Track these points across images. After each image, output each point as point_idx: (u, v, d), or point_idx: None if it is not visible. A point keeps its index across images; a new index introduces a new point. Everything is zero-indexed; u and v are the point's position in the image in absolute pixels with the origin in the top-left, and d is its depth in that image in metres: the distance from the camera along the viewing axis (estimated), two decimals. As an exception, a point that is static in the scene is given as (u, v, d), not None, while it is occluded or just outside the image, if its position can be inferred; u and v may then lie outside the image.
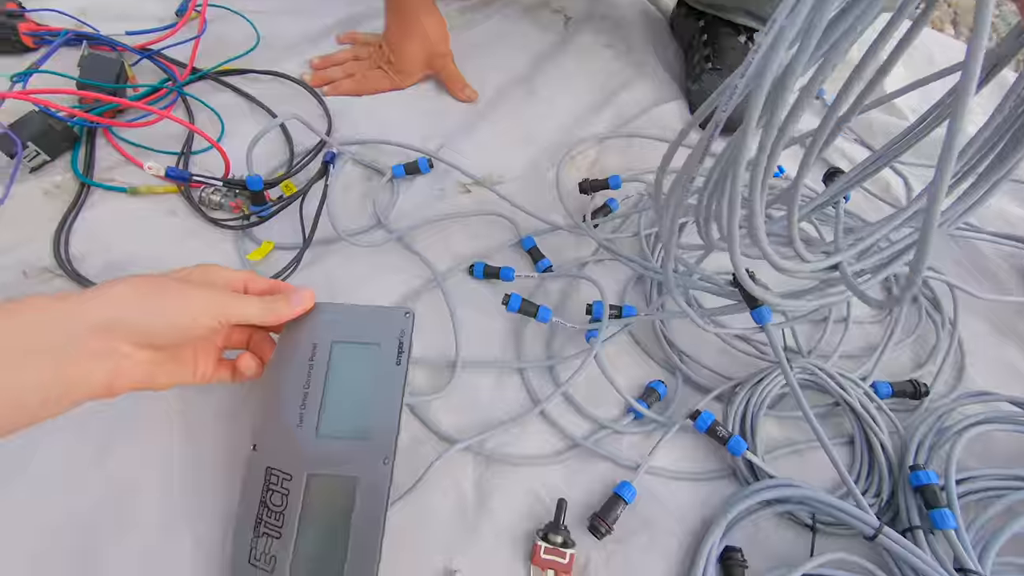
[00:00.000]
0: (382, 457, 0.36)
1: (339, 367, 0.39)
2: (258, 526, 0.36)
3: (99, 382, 0.30)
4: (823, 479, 0.45)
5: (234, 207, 0.55)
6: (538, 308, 0.48)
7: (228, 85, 0.65)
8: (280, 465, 0.37)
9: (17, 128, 0.53)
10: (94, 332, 0.30)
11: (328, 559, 0.35)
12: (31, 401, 0.28)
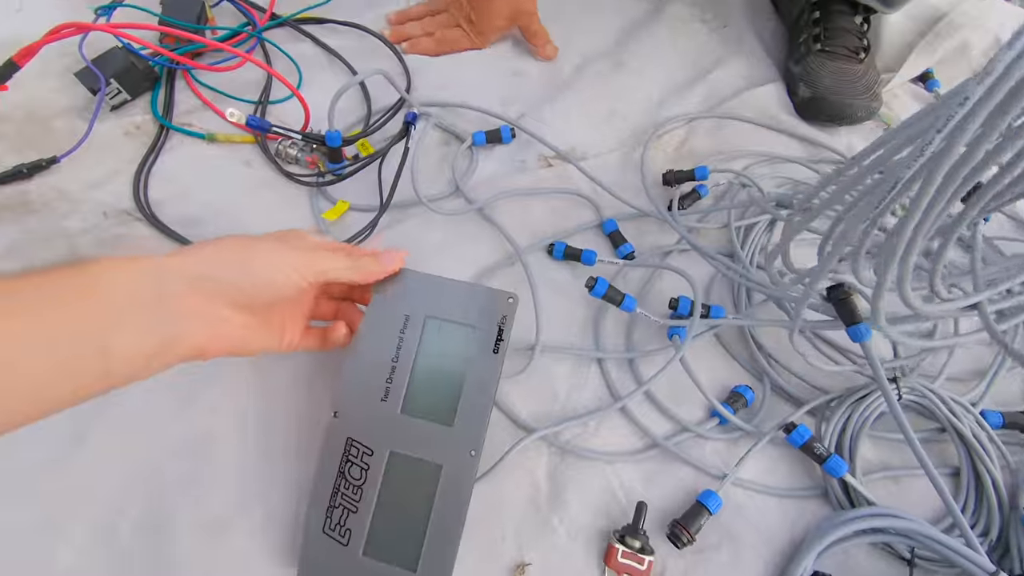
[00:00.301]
0: (469, 449, 0.35)
1: (431, 345, 0.37)
2: (335, 496, 0.34)
3: (195, 344, 0.29)
4: (922, 511, 0.42)
5: (310, 162, 0.53)
6: (623, 296, 0.45)
7: (307, 34, 0.63)
8: (361, 437, 0.35)
9: (100, 64, 0.51)
10: (193, 290, 0.29)
11: (404, 543, 0.33)
12: (125, 361, 0.26)
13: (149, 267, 0.28)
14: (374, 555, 0.34)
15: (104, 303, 0.26)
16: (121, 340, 0.26)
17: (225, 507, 0.37)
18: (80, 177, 0.49)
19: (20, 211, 0.46)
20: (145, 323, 0.27)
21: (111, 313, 0.26)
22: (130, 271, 0.27)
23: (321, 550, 0.34)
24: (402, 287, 0.38)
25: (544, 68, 0.66)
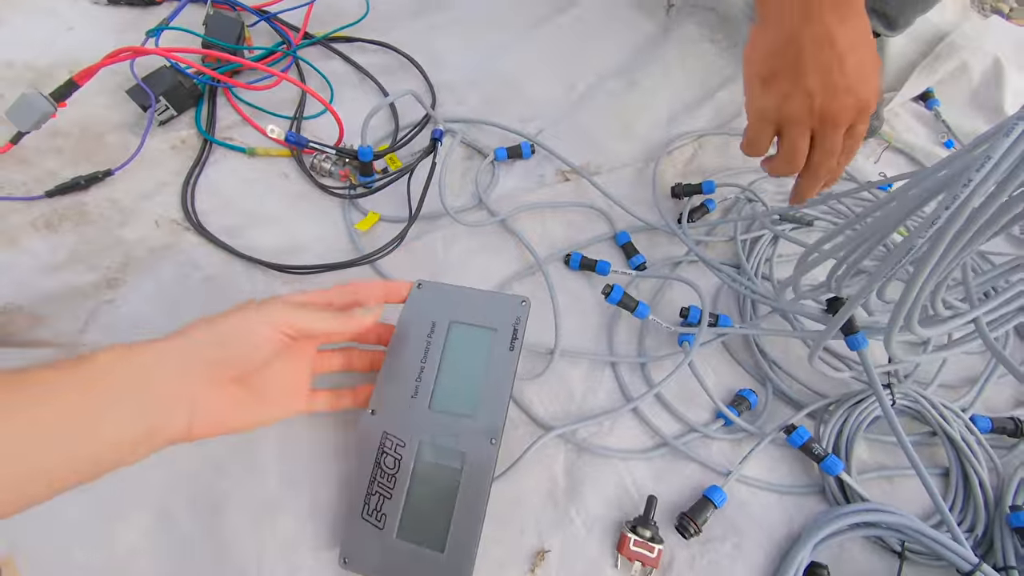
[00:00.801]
0: (490, 437, 0.38)
1: (455, 347, 0.41)
2: (372, 484, 0.38)
3: (179, 429, 0.31)
4: (913, 508, 0.45)
5: (342, 175, 0.57)
6: (637, 303, 0.48)
7: (338, 52, 0.67)
8: (395, 431, 0.39)
9: (150, 82, 0.55)
10: (169, 379, 0.30)
11: (434, 522, 0.37)
12: (115, 449, 0.28)
13: (136, 357, 0.30)
14: (406, 537, 0.37)
15: (94, 399, 0.28)
16: (109, 432, 0.28)
17: (274, 495, 0.41)
18: (132, 189, 0.52)
19: (78, 220, 0.50)
20: (130, 415, 0.28)
21: (100, 408, 0.28)
22: (118, 364, 0.29)
23: (360, 533, 0.37)
24: (432, 297, 0.42)
25: (561, 87, 0.69)
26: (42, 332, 0.44)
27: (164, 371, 0.30)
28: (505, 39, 0.72)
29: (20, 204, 0.50)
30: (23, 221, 0.49)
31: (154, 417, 0.29)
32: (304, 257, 0.51)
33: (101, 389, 0.28)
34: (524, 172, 0.61)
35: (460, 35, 0.72)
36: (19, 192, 0.50)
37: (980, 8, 0.98)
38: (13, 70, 0.57)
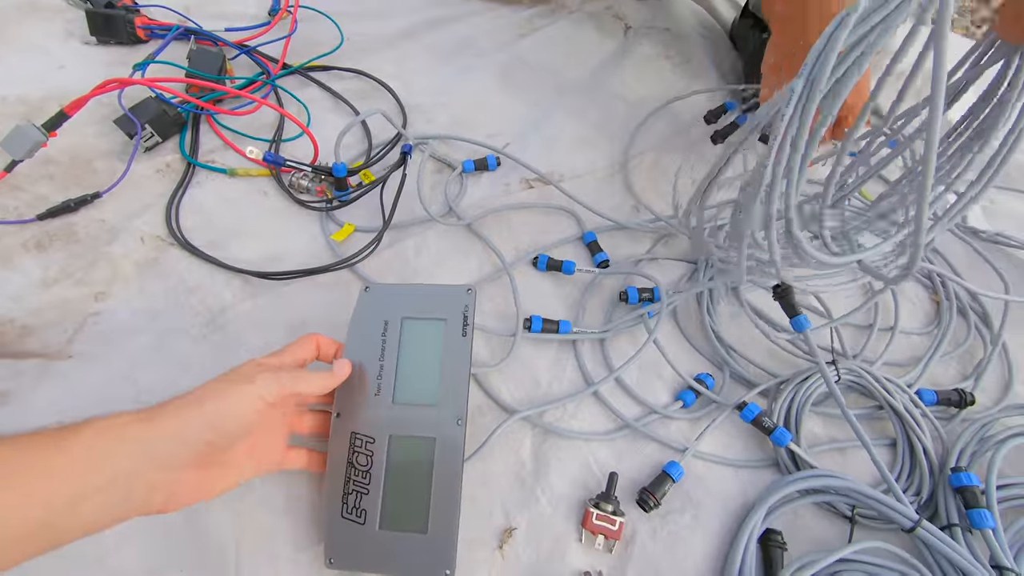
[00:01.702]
0: (456, 419, 0.40)
1: (410, 340, 0.43)
2: (347, 483, 0.40)
3: (155, 506, 0.32)
4: (864, 478, 0.47)
5: (319, 191, 0.60)
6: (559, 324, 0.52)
7: (315, 80, 0.71)
8: (363, 430, 0.41)
9: (136, 112, 0.59)
10: (157, 468, 0.31)
11: (413, 509, 0.39)
12: (87, 526, 0.29)
13: (122, 440, 0.30)
14: (389, 527, 0.38)
15: (78, 484, 0.28)
16: (86, 514, 0.28)
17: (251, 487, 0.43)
18: (120, 209, 0.56)
19: (68, 240, 0.53)
20: (112, 500, 0.29)
21: (83, 493, 0.28)
22: (106, 446, 0.30)
23: (343, 532, 0.39)
24: (380, 299, 0.45)
25: (524, 105, 0.74)
26: (31, 343, 0.47)
27: (153, 461, 0.30)
28: (472, 62, 0.77)
29: (13, 227, 0.53)
30: (15, 243, 0.52)
31: (128, 504, 0.30)
32: (284, 266, 0.54)
33: (88, 473, 0.29)
34: (490, 182, 0.65)
35: (429, 60, 0.76)
36: (11, 216, 0.53)
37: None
38: (6, 104, 0.60)
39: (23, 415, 0.44)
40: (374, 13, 0.81)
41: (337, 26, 0.76)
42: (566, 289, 0.57)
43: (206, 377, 0.38)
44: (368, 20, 0.79)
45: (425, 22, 0.81)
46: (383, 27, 0.79)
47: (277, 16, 0.75)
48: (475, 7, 0.86)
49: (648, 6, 0.90)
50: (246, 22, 0.75)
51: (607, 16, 0.87)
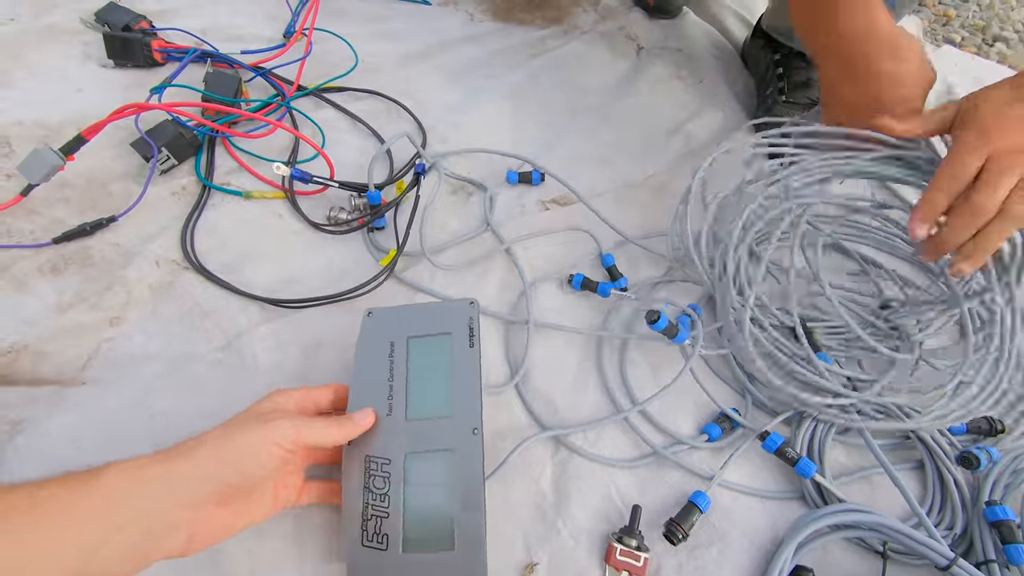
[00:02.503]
0: (471, 428, 0.39)
1: (417, 358, 0.42)
2: (366, 509, 0.38)
3: (175, 549, 0.31)
4: (894, 509, 0.46)
5: (360, 222, 0.59)
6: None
7: (329, 102, 0.71)
8: (377, 452, 0.40)
9: (153, 135, 0.59)
10: (177, 507, 0.31)
11: (437, 525, 0.37)
12: (107, 567, 0.29)
13: (141, 480, 0.30)
14: (414, 549, 0.37)
15: (101, 524, 0.28)
16: (108, 554, 0.28)
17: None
18: (135, 233, 0.55)
19: (83, 263, 0.53)
20: (133, 541, 0.29)
21: (105, 533, 0.28)
22: (128, 487, 0.30)
23: (365, 561, 0.37)
24: (383, 324, 0.44)
25: (538, 125, 0.73)
26: (46, 370, 0.46)
27: (171, 497, 0.31)
28: (484, 83, 0.77)
29: (28, 251, 0.53)
30: (31, 267, 0.52)
31: (152, 543, 0.30)
32: (297, 290, 0.54)
33: (109, 514, 0.29)
34: (505, 204, 0.64)
35: (442, 81, 0.77)
36: (27, 240, 0.53)
37: (933, 39, 1.05)
38: (24, 128, 0.61)
39: (38, 443, 0.43)
40: (387, 34, 0.81)
41: (351, 48, 0.76)
42: (583, 312, 0.57)
43: (221, 402, 0.39)
44: (381, 41, 0.79)
45: (438, 43, 0.81)
46: (396, 48, 0.80)
47: (292, 38, 0.75)
48: (488, 28, 0.86)
49: (660, 26, 0.90)
50: (261, 44, 0.75)
51: (619, 36, 0.88)
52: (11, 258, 0.52)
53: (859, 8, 0.49)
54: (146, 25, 0.72)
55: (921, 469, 0.48)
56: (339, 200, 0.62)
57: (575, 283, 0.57)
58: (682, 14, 0.92)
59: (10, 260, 0.52)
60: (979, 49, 1.06)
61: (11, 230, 0.53)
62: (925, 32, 1.04)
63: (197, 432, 0.37)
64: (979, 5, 1.13)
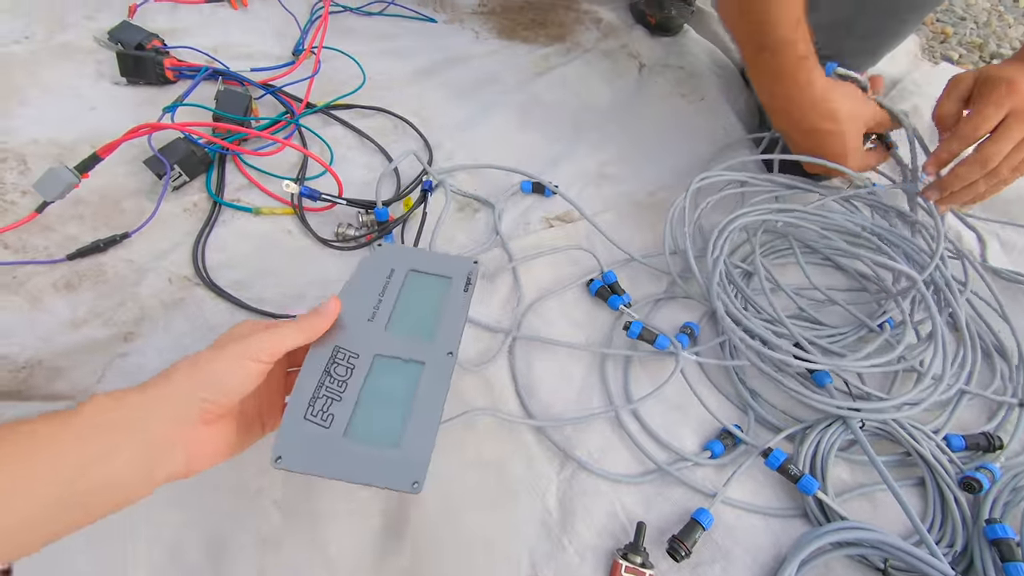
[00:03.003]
0: (446, 351, 0.40)
1: (413, 285, 0.44)
2: (318, 389, 0.37)
3: (178, 467, 0.32)
4: (895, 526, 0.46)
5: (368, 238, 0.61)
6: (656, 336, 0.52)
7: (337, 119, 0.72)
8: (348, 345, 0.39)
9: (166, 152, 0.60)
10: (162, 425, 0.32)
11: (386, 425, 0.37)
12: (119, 489, 0.30)
13: (127, 406, 0.31)
14: (356, 437, 0.36)
15: (89, 449, 0.29)
16: (102, 481, 0.29)
17: (276, 530, 0.42)
18: (147, 249, 0.56)
19: (97, 280, 0.54)
20: (126, 461, 0.30)
21: (96, 456, 0.29)
22: (110, 413, 0.30)
23: (300, 433, 0.36)
24: (392, 252, 0.45)
25: (543, 141, 0.75)
26: (60, 385, 0.47)
27: (157, 418, 0.31)
28: (490, 100, 0.79)
29: (43, 267, 0.54)
30: (45, 283, 0.53)
31: (150, 461, 0.31)
32: (305, 306, 0.55)
33: (94, 438, 0.29)
34: (510, 221, 0.65)
35: (448, 98, 0.78)
36: (42, 256, 0.54)
37: (931, 56, 1.06)
38: (39, 146, 0.62)
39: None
40: (394, 52, 0.83)
41: (360, 66, 0.78)
42: (587, 330, 0.57)
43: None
44: (388, 59, 0.81)
45: (444, 60, 0.83)
46: (403, 66, 0.81)
47: (301, 56, 0.77)
48: (492, 46, 0.88)
49: (662, 44, 0.92)
50: (271, 62, 0.77)
51: (622, 54, 0.89)
52: (26, 274, 0.53)
53: (793, 75, 0.56)
54: (158, 44, 0.73)
55: (922, 486, 0.49)
56: (347, 217, 0.63)
57: (592, 288, 0.58)
58: (683, 32, 0.94)
59: (25, 276, 0.53)
60: (977, 67, 1.07)
61: (26, 246, 0.55)
62: (923, 49, 1.05)
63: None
64: (976, 23, 1.14)
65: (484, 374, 0.52)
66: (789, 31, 0.54)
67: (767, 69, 0.58)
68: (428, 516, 0.44)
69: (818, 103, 0.57)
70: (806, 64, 0.55)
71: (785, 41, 0.54)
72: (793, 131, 0.62)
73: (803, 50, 0.55)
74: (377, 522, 0.44)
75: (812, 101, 0.57)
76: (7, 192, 0.58)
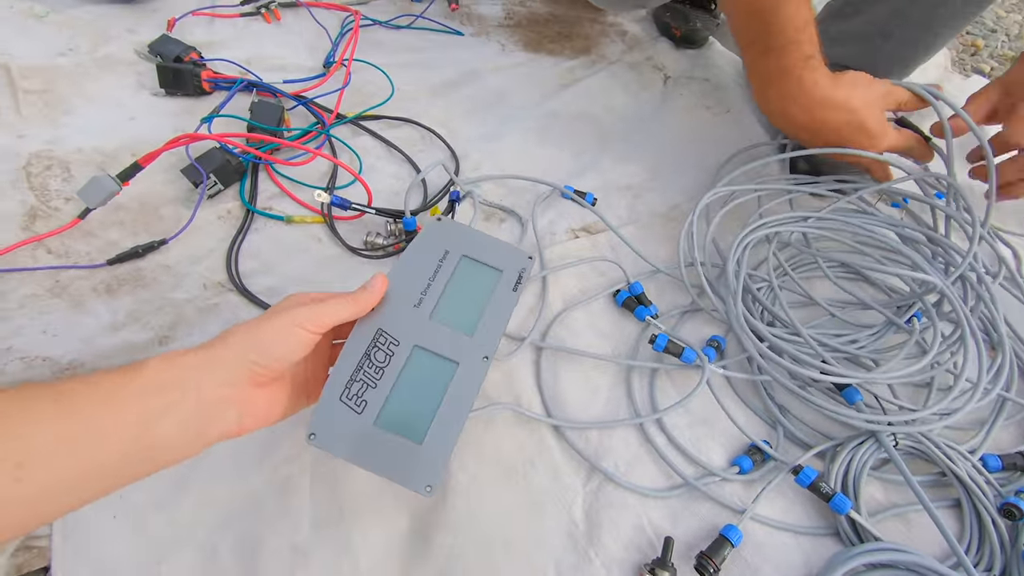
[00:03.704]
0: (483, 355, 0.41)
1: (463, 273, 0.44)
2: (357, 371, 0.39)
3: (230, 427, 0.34)
4: (930, 548, 0.45)
5: (396, 248, 0.62)
6: (683, 348, 0.52)
7: (366, 129, 0.74)
8: (391, 330, 0.41)
9: (202, 161, 0.62)
10: (217, 384, 0.33)
11: (414, 419, 0.38)
12: (168, 448, 0.32)
13: (185, 365, 0.32)
14: (385, 426, 0.38)
15: (149, 402, 0.31)
16: (163, 433, 0.31)
17: (303, 537, 0.43)
18: (183, 255, 0.58)
19: (135, 284, 0.55)
20: (183, 417, 0.31)
21: (155, 411, 0.31)
22: (170, 371, 0.32)
23: (335, 414, 0.38)
24: (449, 232, 0.46)
25: (568, 153, 0.75)
26: (100, 387, 0.49)
27: (212, 377, 0.33)
28: (515, 112, 0.79)
29: (85, 272, 0.55)
30: (87, 287, 0.54)
31: (205, 418, 0.33)
32: (336, 314, 0.56)
33: (155, 394, 0.31)
34: (537, 231, 0.66)
35: (474, 110, 0.79)
36: (84, 261, 0.56)
37: (961, 69, 1.05)
38: (83, 154, 0.64)
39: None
40: (422, 64, 0.84)
41: (388, 78, 0.79)
42: (612, 341, 0.57)
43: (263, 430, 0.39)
44: (416, 71, 0.82)
45: (470, 72, 0.84)
46: (430, 78, 0.82)
47: (332, 68, 0.79)
48: (518, 58, 0.89)
49: (687, 56, 0.92)
50: (302, 74, 0.78)
51: (647, 66, 0.90)
52: (69, 278, 0.54)
53: (799, 75, 0.56)
54: (195, 56, 0.75)
55: (957, 508, 0.48)
56: (375, 225, 0.64)
57: (619, 299, 0.59)
58: (708, 44, 0.94)
59: (68, 280, 0.54)
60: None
61: (69, 251, 0.56)
62: (953, 62, 1.04)
63: (238, 457, 0.40)
64: (1008, 35, 1.13)
65: (512, 385, 0.52)
66: (797, 32, 0.54)
67: (773, 70, 0.57)
68: (453, 523, 0.44)
69: (828, 98, 0.57)
70: (811, 63, 0.55)
71: (792, 41, 0.54)
72: (802, 132, 0.61)
73: (808, 50, 0.55)
74: (405, 525, 0.44)
75: (821, 99, 0.57)
76: (51, 199, 0.60)
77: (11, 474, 0.26)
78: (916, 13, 0.67)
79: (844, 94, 0.57)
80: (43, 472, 0.27)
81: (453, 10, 0.93)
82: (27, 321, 0.51)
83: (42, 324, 0.51)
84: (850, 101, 0.57)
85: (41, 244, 0.56)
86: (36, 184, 0.60)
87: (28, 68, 0.70)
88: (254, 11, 0.86)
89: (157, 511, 0.43)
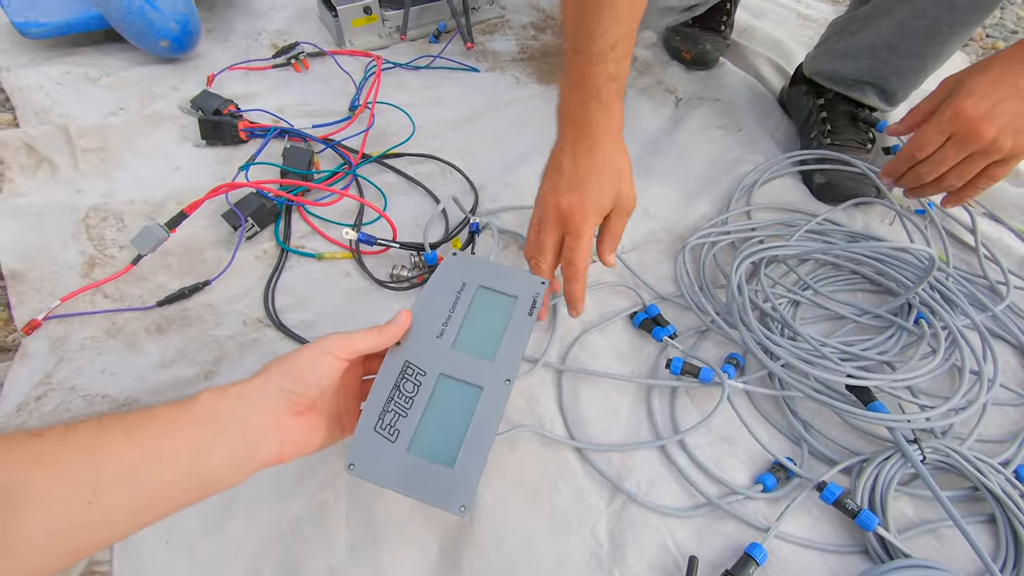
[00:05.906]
0: (504, 378, 0.43)
1: (481, 303, 0.47)
2: (388, 403, 0.42)
3: (272, 453, 0.37)
4: (964, 564, 0.45)
5: (420, 279, 0.65)
6: (700, 369, 0.53)
7: (390, 167, 0.78)
8: (417, 361, 0.43)
9: (240, 206, 0.67)
10: (260, 414, 0.36)
11: (446, 441, 0.41)
12: (218, 475, 0.34)
13: (230, 398, 0.35)
14: (418, 452, 0.40)
15: (201, 433, 0.34)
16: (213, 460, 0.34)
17: (339, 560, 0.45)
18: (225, 294, 0.62)
19: (182, 324, 0.60)
20: (230, 445, 0.34)
21: (206, 440, 0.33)
22: (218, 404, 0.35)
23: (371, 444, 0.40)
24: (465, 265, 0.48)
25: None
26: (153, 420, 0.53)
27: (255, 408, 0.36)
28: (531, 142, 0.82)
29: (138, 313, 0.60)
30: (140, 327, 0.59)
31: (250, 446, 0.35)
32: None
33: (206, 425, 0.34)
34: (554, 257, 0.68)
35: (492, 141, 0.82)
36: (136, 303, 0.61)
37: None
38: (134, 205, 0.70)
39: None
40: (441, 101, 0.88)
41: (410, 117, 0.83)
42: (631, 362, 0.59)
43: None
44: (435, 108, 0.86)
45: (487, 106, 0.88)
46: (449, 113, 0.86)
47: (357, 111, 0.83)
48: (533, 90, 0.92)
49: (697, 78, 0.94)
50: (330, 118, 0.83)
51: (658, 90, 0.92)
52: (124, 320, 0.59)
53: (596, 89, 0.53)
54: (233, 108, 0.81)
55: (992, 523, 0.47)
56: (401, 259, 0.67)
57: (636, 321, 0.60)
58: (718, 65, 0.95)
59: (123, 322, 0.59)
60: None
61: (123, 295, 0.61)
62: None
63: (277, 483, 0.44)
64: (1031, 34, 1.11)
65: (535, 408, 0.54)
66: (606, 48, 0.52)
67: (575, 72, 0.54)
68: (481, 544, 0.46)
69: (612, 134, 0.55)
70: (612, 86, 0.53)
71: (600, 55, 0.52)
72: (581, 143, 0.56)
73: (614, 71, 0.53)
74: (434, 546, 0.46)
75: (608, 127, 0.55)
76: (107, 247, 0.65)
77: (85, 498, 0.29)
78: (920, 24, 0.68)
79: (617, 159, 0.56)
80: (111, 497, 0.30)
81: (469, 48, 0.98)
82: (87, 362, 0.56)
83: (100, 364, 0.56)
84: (622, 169, 0.56)
85: (99, 290, 0.61)
86: (94, 235, 0.66)
87: (84, 128, 0.77)
88: (285, 62, 0.92)
89: (205, 536, 0.46)
